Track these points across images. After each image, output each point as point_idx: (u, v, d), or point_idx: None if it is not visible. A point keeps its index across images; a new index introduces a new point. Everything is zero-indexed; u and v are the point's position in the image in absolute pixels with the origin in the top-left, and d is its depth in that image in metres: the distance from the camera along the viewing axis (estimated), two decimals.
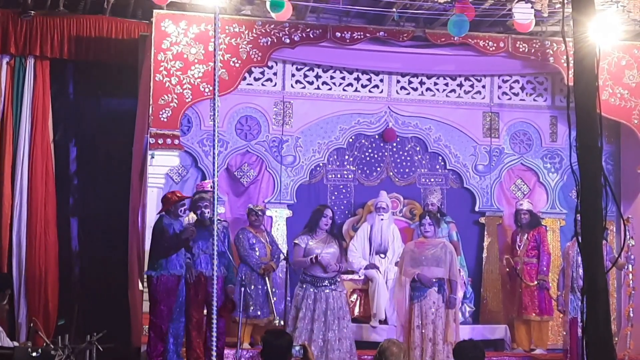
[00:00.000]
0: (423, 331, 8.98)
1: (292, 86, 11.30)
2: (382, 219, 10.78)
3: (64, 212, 10.71)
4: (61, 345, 8.28)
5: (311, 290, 9.14)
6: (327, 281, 9.17)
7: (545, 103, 11.86)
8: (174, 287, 8.71)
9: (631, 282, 10.43)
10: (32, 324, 9.69)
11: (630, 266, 10.18)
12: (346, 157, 11.59)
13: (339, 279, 9.28)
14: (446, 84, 11.68)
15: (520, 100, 11.84)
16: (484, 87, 11.75)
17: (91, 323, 9.94)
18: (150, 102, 9.73)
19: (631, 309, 10.48)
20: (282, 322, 9.50)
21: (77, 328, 10.12)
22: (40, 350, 7.82)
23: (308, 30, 10.29)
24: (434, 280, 9.05)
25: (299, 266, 9.36)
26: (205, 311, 8.96)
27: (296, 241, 9.45)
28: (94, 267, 10.61)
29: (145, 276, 9.00)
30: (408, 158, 11.72)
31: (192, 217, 9.54)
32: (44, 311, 10.25)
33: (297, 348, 5.27)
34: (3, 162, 10.31)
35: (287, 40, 10.22)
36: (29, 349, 8.19)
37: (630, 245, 10.07)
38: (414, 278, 9.06)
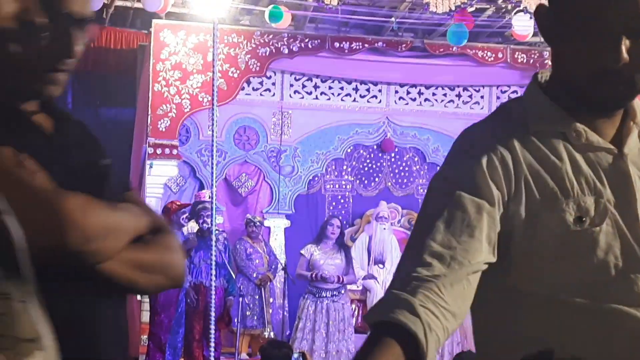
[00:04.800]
0: None
1: (290, 96, 11.29)
2: (384, 228, 10.76)
3: None
4: None
5: (312, 300, 9.13)
6: (329, 292, 9.14)
7: None
8: (174, 297, 8.68)
9: None
10: None
11: None
12: (344, 167, 11.58)
13: (342, 291, 9.24)
14: (445, 95, 11.67)
15: None
16: (482, 97, 11.74)
17: None
18: (149, 112, 9.73)
19: None
20: (272, 334, 9.48)
21: None
22: None
23: (307, 40, 10.30)
24: None
25: (301, 279, 9.39)
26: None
27: (302, 251, 9.46)
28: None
29: None
30: (406, 168, 11.71)
31: (191, 226, 9.51)
32: None
33: (296, 356, 5.27)
34: None
35: (286, 51, 10.23)
36: None
37: None
38: None
